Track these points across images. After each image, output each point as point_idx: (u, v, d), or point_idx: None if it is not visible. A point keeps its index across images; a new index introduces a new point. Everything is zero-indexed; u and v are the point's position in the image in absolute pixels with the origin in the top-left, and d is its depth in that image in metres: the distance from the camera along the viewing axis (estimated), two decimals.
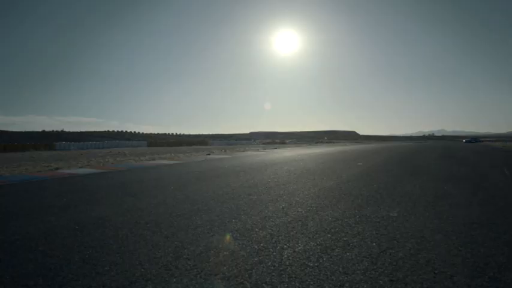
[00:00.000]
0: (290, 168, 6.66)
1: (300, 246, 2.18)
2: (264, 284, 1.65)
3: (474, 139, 54.68)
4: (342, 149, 18.24)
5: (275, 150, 17.70)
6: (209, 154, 13.88)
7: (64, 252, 2.10)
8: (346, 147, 20.80)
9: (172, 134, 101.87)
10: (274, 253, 2.06)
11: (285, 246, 2.18)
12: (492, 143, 32.52)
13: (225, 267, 1.87)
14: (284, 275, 1.74)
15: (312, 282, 1.65)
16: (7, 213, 3.25)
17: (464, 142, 47.89)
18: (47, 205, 3.56)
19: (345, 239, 2.33)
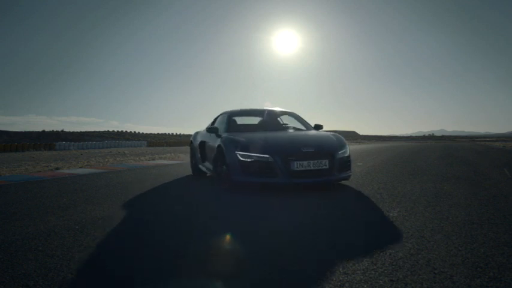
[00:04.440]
0: None
1: (300, 246, 2.18)
2: (264, 284, 1.65)
3: None
4: None
5: None
6: None
7: (64, 252, 2.10)
8: None
9: (172, 134, 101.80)
10: (272, 256, 2.06)
11: (284, 251, 2.17)
12: (492, 143, 32.44)
13: (225, 267, 1.87)
14: (284, 275, 1.74)
15: (312, 282, 1.65)
16: (7, 213, 3.25)
17: None
18: (47, 205, 3.56)
19: (345, 239, 2.33)
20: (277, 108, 5.78)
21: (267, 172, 3.79)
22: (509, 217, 2.74)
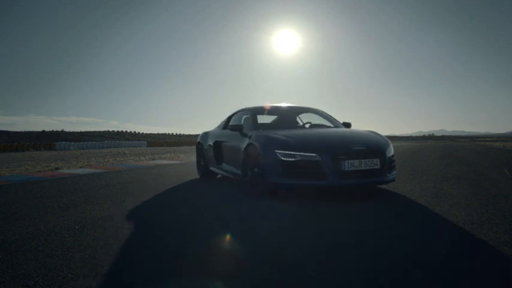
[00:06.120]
0: None
1: (299, 247, 2.19)
2: (263, 285, 1.65)
3: None
4: None
5: None
6: None
7: (64, 252, 2.10)
8: None
9: (172, 134, 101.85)
10: (272, 257, 2.06)
11: (279, 252, 2.18)
12: (492, 143, 32.45)
13: (225, 267, 1.87)
14: (284, 276, 1.74)
15: (311, 283, 1.65)
16: (7, 213, 3.26)
17: None
18: (47, 205, 3.56)
19: (346, 239, 2.33)
20: (300, 105, 5.38)
21: (314, 173, 3.32)
22: (509, 217, 2.74)
